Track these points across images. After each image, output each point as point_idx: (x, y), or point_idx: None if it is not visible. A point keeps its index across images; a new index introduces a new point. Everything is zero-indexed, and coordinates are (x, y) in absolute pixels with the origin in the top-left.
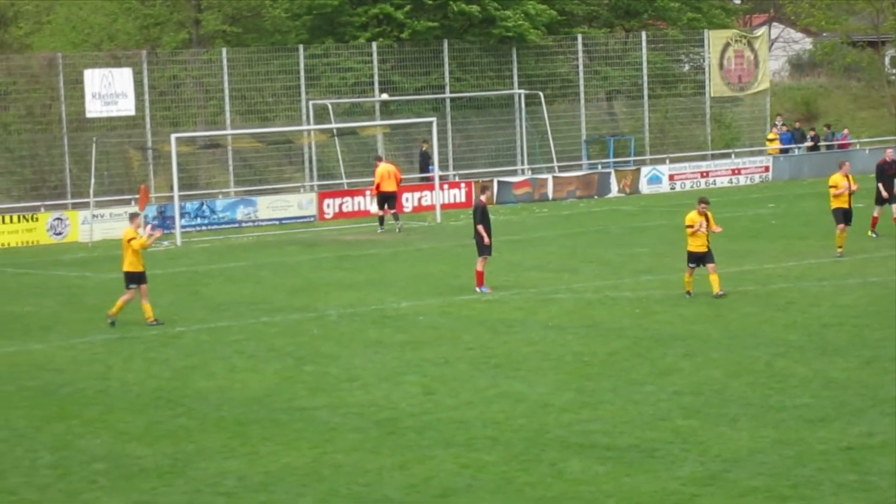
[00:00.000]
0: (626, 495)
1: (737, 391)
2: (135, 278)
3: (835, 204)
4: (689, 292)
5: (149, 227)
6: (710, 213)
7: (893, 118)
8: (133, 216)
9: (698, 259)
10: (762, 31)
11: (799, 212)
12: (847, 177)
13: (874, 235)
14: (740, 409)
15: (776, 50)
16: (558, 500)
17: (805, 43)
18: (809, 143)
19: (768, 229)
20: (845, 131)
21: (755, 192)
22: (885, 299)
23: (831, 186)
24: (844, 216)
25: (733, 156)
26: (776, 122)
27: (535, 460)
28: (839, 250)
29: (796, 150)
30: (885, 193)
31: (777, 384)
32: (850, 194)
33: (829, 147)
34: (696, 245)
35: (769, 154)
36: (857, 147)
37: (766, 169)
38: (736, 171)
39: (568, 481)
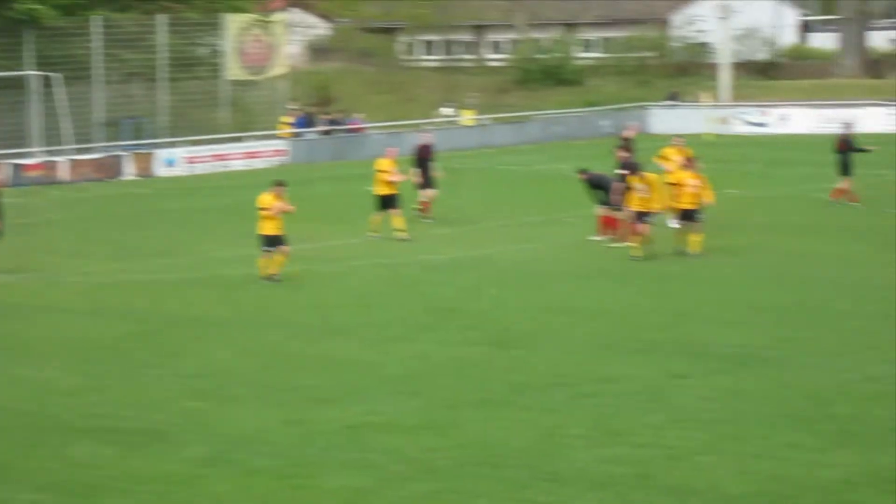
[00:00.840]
0: (131, 478)
1: (246, 373)
2: None
3: (382, 190)
4: (269, 277)
5: None
6: (284, 196)
7: (406, 103)
8: None
9: (273, 242)
10: (280, 15)
11: (315, 195)
12: (393, 162)
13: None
14: (249, 390)
15: (294, 35)
16: (62, 484)
17: (323, 28)
18: (326, 127)
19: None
20: (358, 115)
21: (273, 176)
22: (393, 281)
23: (381, 171)
24: (386, 202)
25: (249, 139)
26: (292, 106)
27: (39, 445)
28: (375, 233)
29: (310, 135)
30: (420, 179)
31: (286, 365)
32: (394, 181)
33: (347, 131)
34: (271, 228)
35: (285, 138)
36: (371, 131)
37: (284, 152)
38: (252, 155)
39: (72, 465)
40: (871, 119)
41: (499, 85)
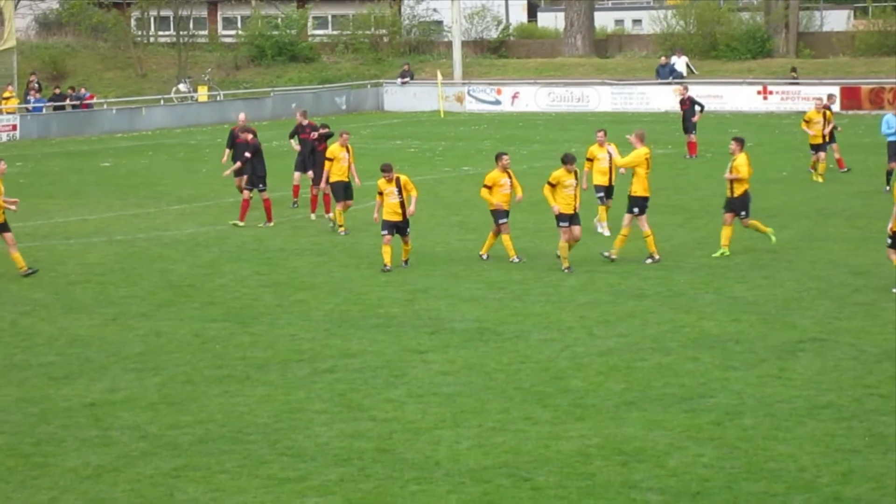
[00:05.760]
0: None
1: None
2: None
3: (336, 177)
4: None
5: None
6: None
7: (139, 78)
8: None
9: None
10: None
11: (47, 171)
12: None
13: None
14: None
15: (22, 8)
16: None
17: (52, 2)
18: (57, 103)
19: (16, 188)
20: (83, 90)
21: (2, 151)
22: (131, 257)
23: (331, 158)
24: (343, 190)
25: None
26: (31, 83)
27: None
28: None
29: (42, 109)
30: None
31: (22, 342)
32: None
33: (74, 107)
34: None
35: (11, 112)
36: (105, 107)
37: (14, 127)
38: None
39: None
40: (597, 97)
41: (233, 61)
